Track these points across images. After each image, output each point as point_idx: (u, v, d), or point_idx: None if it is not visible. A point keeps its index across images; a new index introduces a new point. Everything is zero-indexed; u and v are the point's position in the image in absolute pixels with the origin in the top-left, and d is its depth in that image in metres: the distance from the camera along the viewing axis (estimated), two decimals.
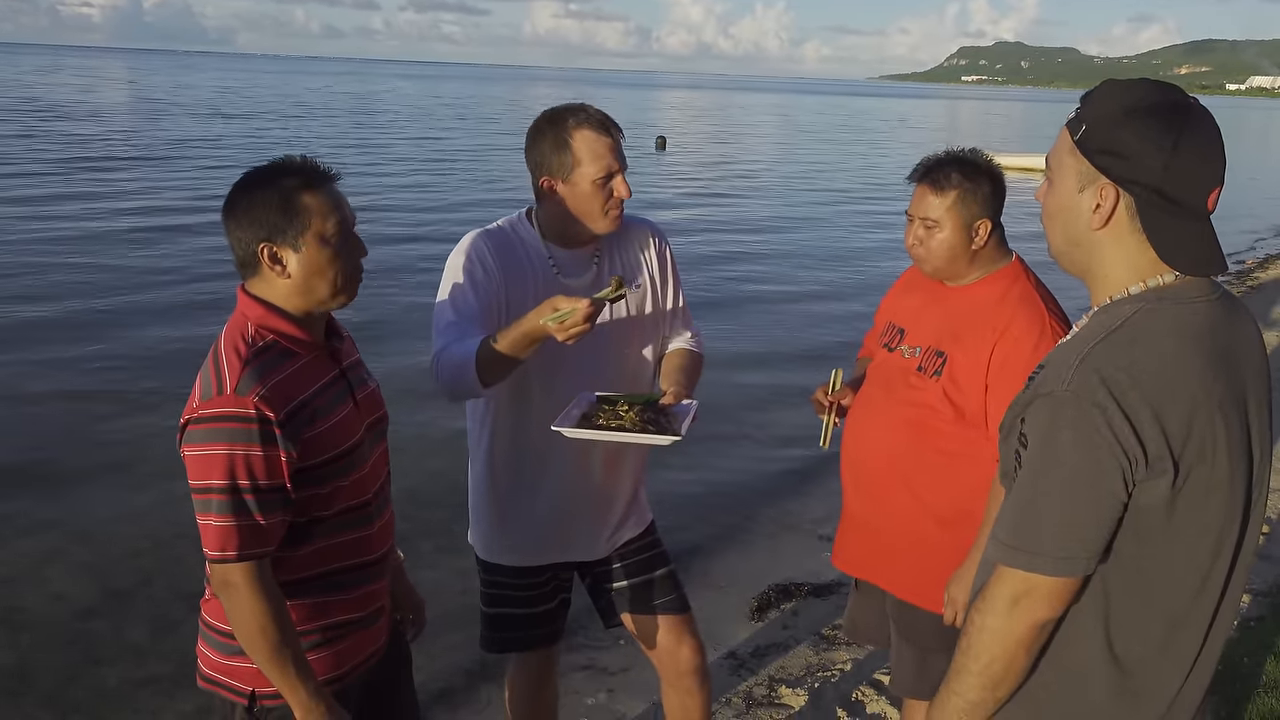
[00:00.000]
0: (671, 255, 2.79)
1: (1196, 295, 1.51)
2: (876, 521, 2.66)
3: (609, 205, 2.51)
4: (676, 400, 2.50)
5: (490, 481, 2.70)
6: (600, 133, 2.47)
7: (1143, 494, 1.42)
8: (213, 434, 1.83)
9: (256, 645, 1.89)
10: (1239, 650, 3.93)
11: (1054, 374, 1.47)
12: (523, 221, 2.64)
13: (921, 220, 2.53)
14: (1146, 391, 1.40)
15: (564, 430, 2.33)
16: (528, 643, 2.84)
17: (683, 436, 2.33)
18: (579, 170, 2.46)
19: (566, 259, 2.60)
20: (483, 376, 2.32)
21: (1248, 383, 1.52)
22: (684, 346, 2.79)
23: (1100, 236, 1.53)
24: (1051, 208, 1.59)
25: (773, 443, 6.92)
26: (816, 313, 10.97)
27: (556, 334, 2.19)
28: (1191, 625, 1.54)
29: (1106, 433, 1.39)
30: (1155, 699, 1.56)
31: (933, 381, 2.51)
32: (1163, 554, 1.48)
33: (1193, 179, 1.46)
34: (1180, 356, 1.45)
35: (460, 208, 17.01)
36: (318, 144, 26.92)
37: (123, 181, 18.12)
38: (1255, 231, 18.53)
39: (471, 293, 2.50)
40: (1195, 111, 1.48)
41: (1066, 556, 1.44)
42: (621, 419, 2.37)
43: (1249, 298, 11.99)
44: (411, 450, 6.03)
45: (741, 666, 4.10)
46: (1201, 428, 1.42)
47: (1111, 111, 1.49)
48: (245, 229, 1.91)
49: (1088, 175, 1.51)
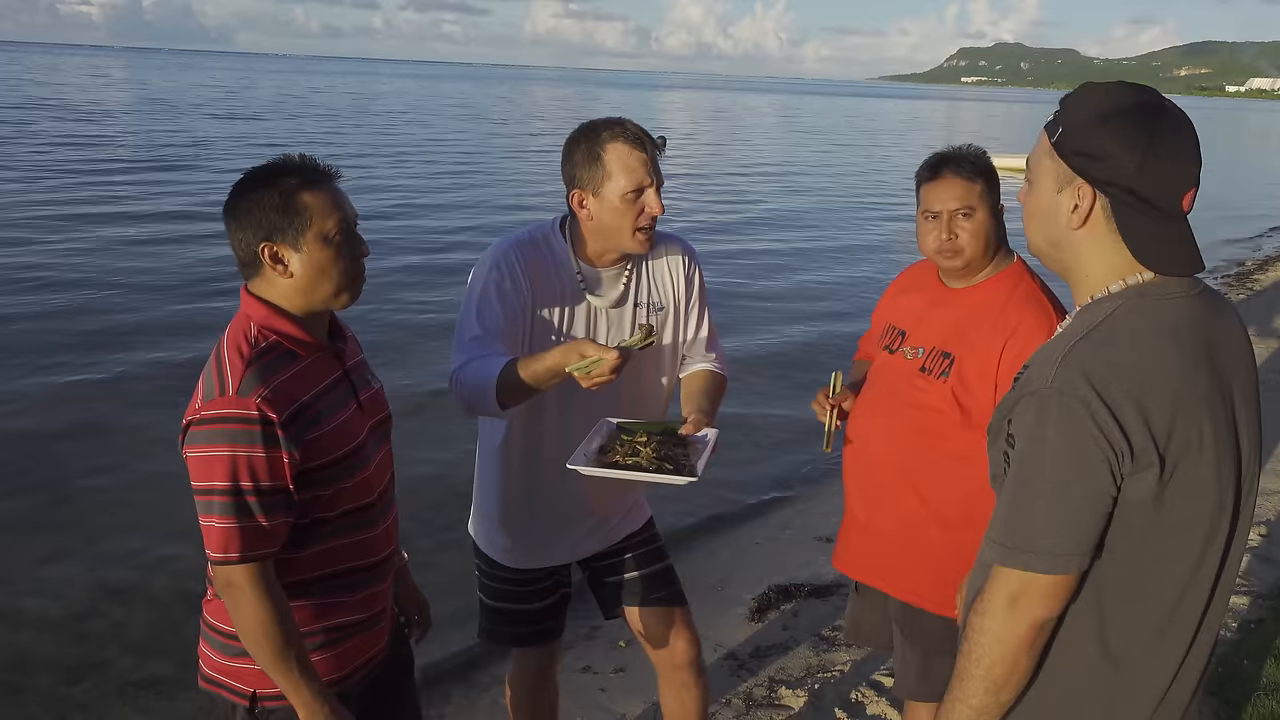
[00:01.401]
0: (701, 278, 2.74)
1: (1177, 291, 1.53)
2: (881, 525, 2.66)
3: (639, 222, 2.45)
4: (696, 429, 2.46)
5: (500, 489, 2.68)
6: (634, 146, 2.41)
7: (1130, 488, 1.44)
8: (215, 435, 1.83)
9: (260, 646, 1.88)
10: (1239, 653, 3.93)
11: (1038, 372, 1.49)
12: (555, 233, 2.58)
13: (954, 212, 2.48)
14: (1129, 386, 1.42)
15: (580, 469, 2.30)
16: (528, 638, 2.85)
17: (699, 477, 2.29)
18: (609, 184, 2.42)
19: (595, 276, 2.57)
20: (502, 400, 2.31)
21: (1233, 376, 1.53)
22: (707, 368, 2.74)
23: (1079, 236, 1.55)
24: (1031, 208, 1.62)
25: (772, 444, 6.93)
26: (819, 312, 10.98)
27: (581, 382, 2.18)
28: (1182, 622, 1.55)
29: (1091, 427, 1.41)
30: (1145, 697, 1.57)
31: (939, 383, 2.50)
32: (1153, 549, 1.49)
33: (1166, 180, 1.49)
34: (1161, 351, 1.46)
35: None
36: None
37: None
38: (1255, 233, 18.53)
39: (499, 306, 2.46)
40: (1169, 114, 1.50)
41: (1061, 553, 1.45)
42: (639, 454, 2.34)
43: (1249, 300, 12.00)
44: (413, 450, 6.04)
45: (741, 667, 4.10)
46: (1185, 421, 1.43)
47: (1088, 114, 1.52)
48: (246, 229, 1.91)
49: (1065, 177, 1.54)
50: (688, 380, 2.73)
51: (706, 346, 2.77)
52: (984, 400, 2.44)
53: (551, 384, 2.28)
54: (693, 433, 2.45)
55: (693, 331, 2.74)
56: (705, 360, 2.76)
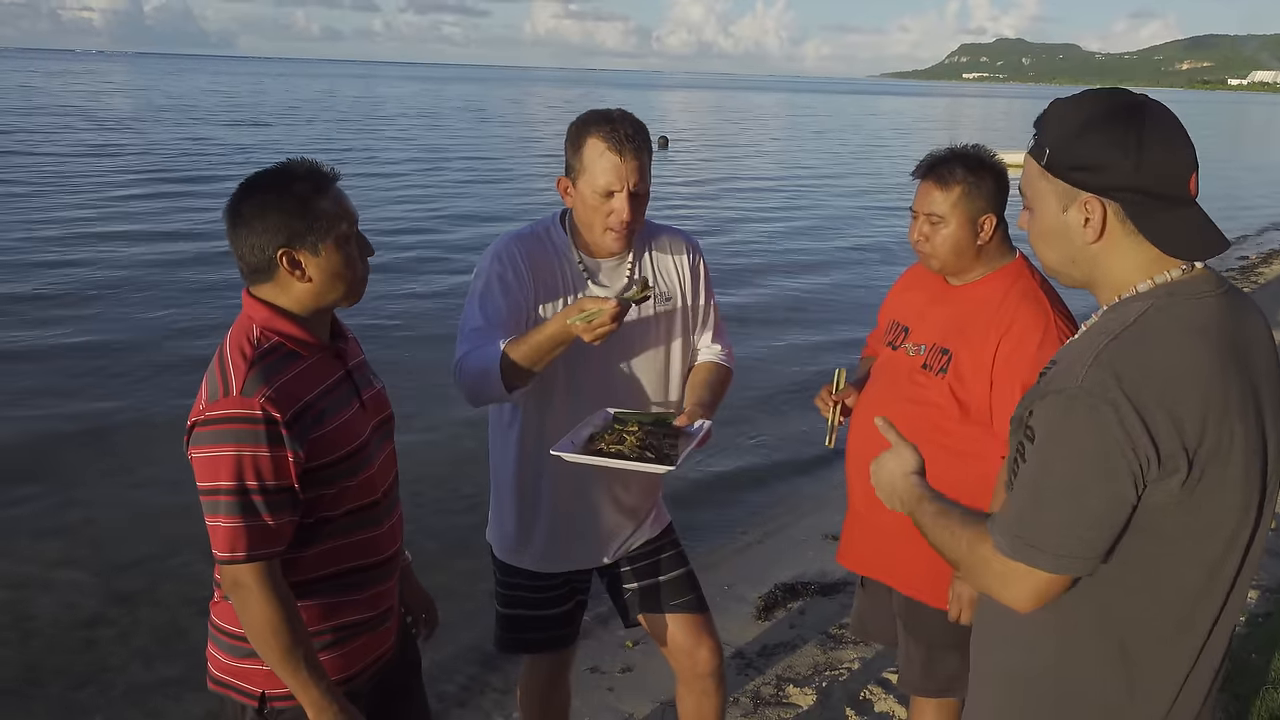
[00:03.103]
0: (705, 269, 2.75)
1: (1206, 290, 1.51)
2: (881, 519, 2.65)
3: (608, 222, 2.45)
4: (691, 421, 2.47)
5: (513, 488, 2.68)
6: (611, 148, 2.38)
7: (1154, 493, 1.42)
8: (220, 435, 1.84)
9: (268, 646, 1.89)
10: (1248, 646, 3.92)
11: (1067, 370, 1.47)
12: (556, 225, 2.60)
13: (926, 216, 2.53)
14: (1160, 389, 1.40)
15: (564, 455, 2.31)
16: (543, 644, 2.84)
17: (676, 467, 2.30)
18: (584, 178, 2.43)
19: (597, 266, 2.57)
20: (507, 381, 2.32)
21: (1260, 377, 1.52)
22: (712, 360, 2.74)
23: (1098, 249, 1.54)
24: (1039, 232, 1.60)
25: (779, 442, 6.93)
26: (822, 311, 10.98)
27: (584, 334, 2.19)
28: (1197, 622, 1.54)
29: (1119, 431, 1.39)
30: (1160, 695, 1.56)
31: (938, 379, 2.51)
32: (1174, 551, 1.48)
33: (1167, 170, 1.48)
34: (1194, 353, 1.45)
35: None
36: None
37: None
38: (1260, 226, 18.50)
39: (502, 297, 2.47)
40: (1149, 107, 1.50)
41: (1068, 555, 1.45)
42: (623, 443, 2.35)
43: (1253, 294, 11.96)
44: (420, 451, 6.05)
45: (749, 666, 4.10)
46: (1217, 424, 1.42)
47: (1069, 128, 1.51)
48: (261, 235, 1.89)
49: (1068, 195, 1.53)
50: (693, 372, 2.73)
51: (713, 338, 2.77)
52: (980, 395, 2.44)
53: (554, 353, 2.28)
54: (686, 424, 2.46)
55: (699, 318, 2.74)
56: (710, 352, 2.76)
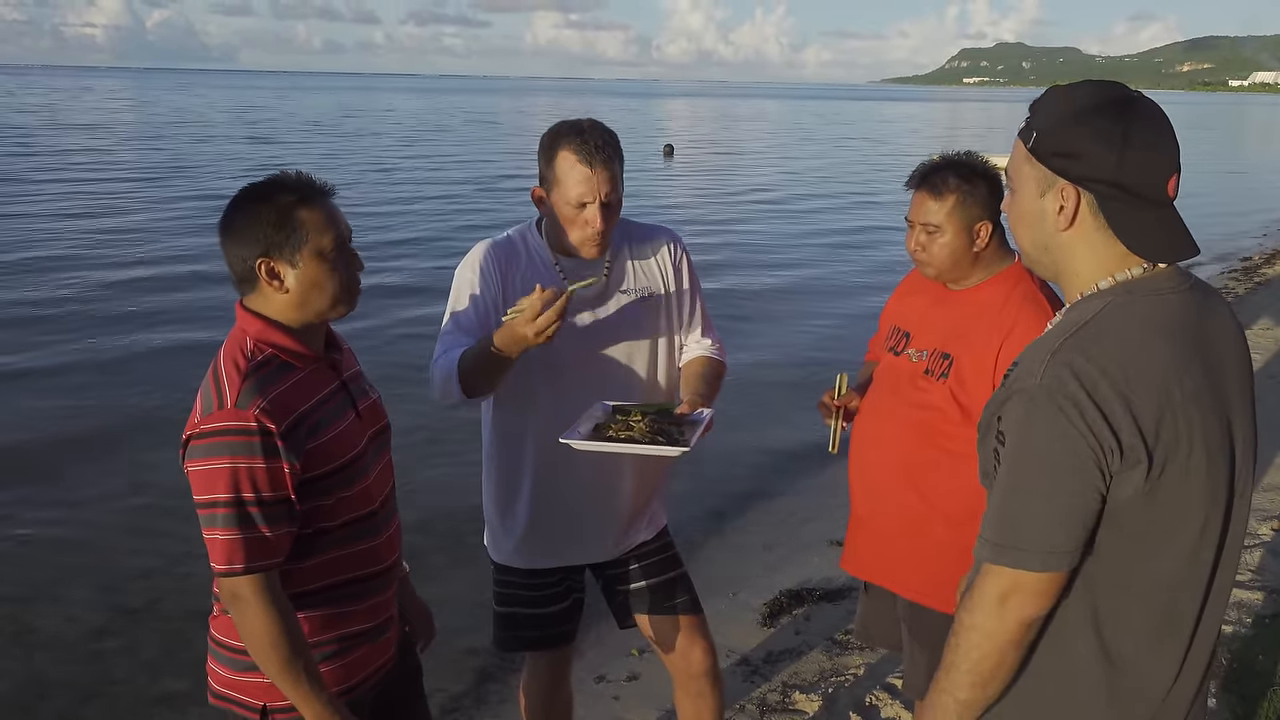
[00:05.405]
0: (690, 264, 2.76)
1: (1166, 287, 1.53)
2: (885, 524, 2.66)
3: (583, 233, 2.49)
4: (692, 409, 2.49)
5: (498, 485, 2.71)
6: (581, 160, 2.42)
7: (1120, 486, 1.44)
8: (215, 448, 1.84)
9: (268, 658, 1.89)
10: (1254, 648, 3.90)
11: (1026, 370, 1.49)
12: (531, 231, 2.64)
13: (922, 226, 2.54)
14: (1116, 383, 1.42)
15: (572, 443, 2.32)
16: (539, 642, 2.85)
17: (691, 448, 2.32)
18: (557, 189, 2.47)
19: (575, 267, 2.59)
20: (465, 386, 2.38)
21: (1226, 372, 1.53)
22: (704, 354, 2.76)
23: (1068, 238, 1.55)
24: (1017, 215, 1.62)
25: (782, 447, 6.92)
26: (825, 315, 10.98)
27: (529, 333, 2.22)
28: (1180, 619, 1.54)
29: (1080, 424, 1.41)
30: (1148, 695, 1.56)
31: (939, 384, 2.51)
32: (1145, 547, 1.49)
33: (1148, 169, 1.49)
34: (1149, 348, 1.46)
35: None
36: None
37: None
38: (1261, 227, 18.47)
39: (470, 303, 2.53)
40: (1141, 104, 1.51)
41: (1051, 550, 1.46)
42: (631, 429, 2.37)
43: (1255, 293, 11.95)
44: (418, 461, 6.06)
45: (755, 673, 4.09)
46: (1173, 419, 1.43)
47: (1060, 116, 1.53)
48: (243, 245, 1.92)
49: (1046, 180, 1.54)
50: (686, 366, 2.75)
51: (702, 333, 2.80)
52: (981, 399, 2.44)
53: (503, 360, 2.31)
54: (688, 412, 2.48)
55: (685, 315, 2.76)
56: (700, 346, 2.78)
